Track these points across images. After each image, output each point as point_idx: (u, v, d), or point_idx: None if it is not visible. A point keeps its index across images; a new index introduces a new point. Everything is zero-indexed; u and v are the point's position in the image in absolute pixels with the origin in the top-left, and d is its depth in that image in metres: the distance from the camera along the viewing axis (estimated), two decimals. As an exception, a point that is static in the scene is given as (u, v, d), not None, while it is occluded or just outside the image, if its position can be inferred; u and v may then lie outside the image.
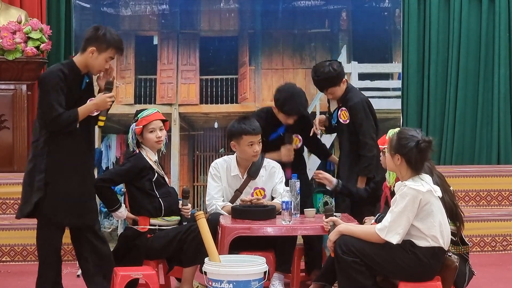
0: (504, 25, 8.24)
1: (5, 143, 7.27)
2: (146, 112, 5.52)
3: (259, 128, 5.76)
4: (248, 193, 5.80)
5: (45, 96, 4.85)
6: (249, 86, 7.15)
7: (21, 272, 6.53)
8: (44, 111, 4.86)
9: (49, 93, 4.83)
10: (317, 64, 6.32)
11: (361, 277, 4.58)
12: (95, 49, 4.94)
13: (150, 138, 5.46)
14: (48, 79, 4.87)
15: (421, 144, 4.55)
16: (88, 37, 4.99)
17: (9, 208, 7.03)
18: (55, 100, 4.82)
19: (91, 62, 4.98)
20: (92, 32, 4.99)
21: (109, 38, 4.96)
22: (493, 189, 7.53)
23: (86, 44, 4.98)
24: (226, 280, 4.67)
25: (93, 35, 4.96)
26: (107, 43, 4.96)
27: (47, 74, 4.93)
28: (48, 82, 4.85)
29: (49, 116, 4.83)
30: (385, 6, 7.20)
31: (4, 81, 7.30)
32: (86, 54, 4.97)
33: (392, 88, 7.23)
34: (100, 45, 4.95)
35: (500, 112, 8.24)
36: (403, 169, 4.61)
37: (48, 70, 4.99)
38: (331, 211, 4.97)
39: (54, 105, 4.81)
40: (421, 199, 4.51)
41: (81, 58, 4.99)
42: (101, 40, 4.95)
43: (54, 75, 4.87)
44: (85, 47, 4.98)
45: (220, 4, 7.13)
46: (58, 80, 4.85)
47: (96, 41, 4.95)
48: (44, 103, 4.85)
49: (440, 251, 4.57)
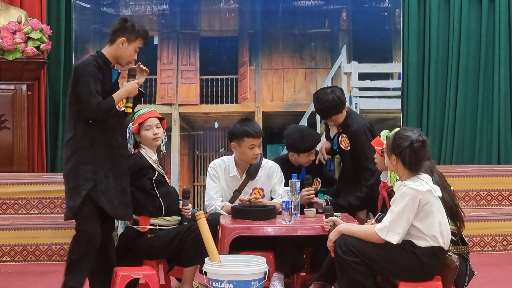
0: (504, 25, 8.24)
1: (5, 143, 7.27)
2: (142, 111, 5.52)
3: (261, 131, 5.78)
4: (247, 194, 5.80)
5: (84, 85, 4.84)
6: (249, 86, 7.16)
7: (21, 272, 6.53)
8: (84, 100, 4.84)
9: (88, 82, 4.85)
10: (319, 92, 6.22)
11: (361, 277, 4.58)
12: (125, 40, 4.99)
13: (147, 135, 5.45)
14: (85, 69, 4.88)
15: (415, 144, 4.54)
16: (117, 28, 5.03)
17: (9, 208, 7.04)
18: (94, 89, 4.85)
19: (121, 53, 5.02)
20: (120, 24, 5.03)
21: (137, 29, 5.02)
22: (493, 189, 7.52)
23: (115, 36, 5.01)
24: (226, 280, 4.67)
25: (122, 26, 5.01)
26: (136, 33, 5.02)
27: (83, 64, 4.93)
28: (86, 72, 4.87)
29: (91, 103, 4.83)
30: (385, 6, 7.21)
31: (4, 81, 7.30)
32: (115, 45, 5.01)
33: (392, 88, 7.24)
34: (130, 36, 5.00)
35: (500, 111, 8.23)
36: (400, 169, 4.62)
37: (83, 61, 5.00)
38: (331, 211, 4.96)
39: (94, 93, 4.84)
40: (420, 198, 4.51)
41: (111, 50, 5.02)
42: (130, 30, 5.00)
43: (91, 64, 4.90)
44: (114, 39, 5.01)
45: (220, 4, 7.14)
46: (95, 69, 4.90)
47: (126, 31, 5.00)
48: (84, 92, 4.84)
49: (440, 251, 4.57)
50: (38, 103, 7.74)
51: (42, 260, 6.87)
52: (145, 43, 5.12)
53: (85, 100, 4.84)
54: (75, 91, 4.90)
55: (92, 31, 7.09)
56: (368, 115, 7.20)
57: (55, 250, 6.88)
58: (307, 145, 6.01)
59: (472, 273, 4.92)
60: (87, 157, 4.88)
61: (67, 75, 7.74)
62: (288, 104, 7.21)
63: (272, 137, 7.15)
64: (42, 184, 7.07)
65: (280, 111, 7.21)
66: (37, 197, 7.03)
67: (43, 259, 6.87)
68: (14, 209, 7.04)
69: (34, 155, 7.61)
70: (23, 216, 7.01)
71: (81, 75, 4.88)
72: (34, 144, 7.63)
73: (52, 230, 6.88)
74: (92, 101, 4.83)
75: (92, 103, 4.83)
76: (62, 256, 6.85)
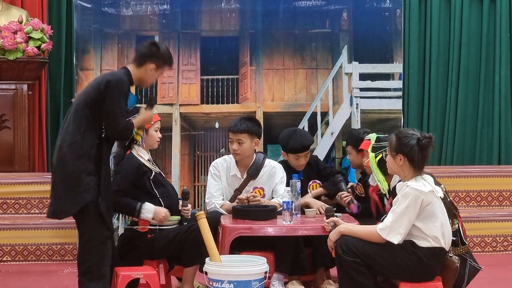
0: (505, 25, 8.24)
1: (6, 143, 7.27)
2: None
3: (241, 128, 5.75)
4: (248, 193, 5.80)
5: (117, 104, 4.84)
6: (250, 86, 7.16)
7: (21, 272, 6.53)
8: (113, 119, 4.84)
9: (121, 101, 4.87)
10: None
11: (361, 277, 4.58)
12: (155, 66, 5.04)
13: (154, 136, 5.45)
14: (121, 87, 4.88)
15: (423, 140, 4.55)
16: (147, 53, 5.04)
17: (10, 207, 7.04)
18: (124, 110, 4.91)
19: (148, 78, 5.07)
20: (151, 48, 5.05)
21: (166, 55, 5.09)
22: (494, 190, 7.52)
23: (144, 60, 5.03)
24: (226, 280, 4.67)
25: (153, 52, 5.04)
26: (164, 60, 5.08)
27: (119, 81, 4.89)
28: (121, 90, 4.88)
29: (119, 124, 4.85)
30: (386, 6, 7.21)
31: (5, 81, 7.30)
32: (143, 69, 5.03)
33: (393, 88, 7.24)
34: (159, 62, 5.05)
35: (501, 112, 8.24)
36: (406, 169, 4.61)
37: (118, 76, 4.93)
38: (331, 212, 4.97)
39: (124, 115, 4.90)
40: (423, 199, 4.51)
41: (137, 72, 5.03)
42: (160, 57, 5.05)
43: (125, 84, 4.92)
44: (143, 62, 5.03)
45: (221, 4, 7.14)
46: (127, 91, 4.94)
47: (155, 57, 5.03)
48: (116, 111, 4.84)
49: (441, 251, 4.57)
50: (39, 103, 7.74)
51: (43, 259, 6.87)
52: (170, 68, 5.25)
53: (113, 119, 4.85)
54: (98, 101, 4.84)
55: (93, 31, 7.09)
56: (369, 115, 7.21)
57: (56, 250, 6.88)
58: (292, 145, 5.97)
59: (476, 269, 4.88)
60: (91, 168, 4.83)
61: (68, 74, 7.75)
62: (289, 104, 7.21)
63: (273, 137, 7.14)
64: (43, 183, 7.06)
65: (281, 111, 7.21)
66: (38, 196, 7.03)
67: (44, 258, 6.88)
68: (14, 208, 7.04)
69: (34, 154, 7.61)
70: (24, 215, 7.01)
71: (116, 92, 4.85)
72: (34, 144, 7.63)
73: (52, 229, 6.88)
74: (121, 123, 4.86)
75: (119, 125, 4.86)
76: (62, 256, 6.86)
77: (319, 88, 7.19)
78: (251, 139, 5.78)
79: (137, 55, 5.10)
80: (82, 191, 4.80)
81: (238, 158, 5.82)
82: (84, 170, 4.81)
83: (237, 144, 5.75)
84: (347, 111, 7.20)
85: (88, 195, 4.80)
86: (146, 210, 5.24)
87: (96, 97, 4.85)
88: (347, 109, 7.20)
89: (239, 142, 5.75)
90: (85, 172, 4.81)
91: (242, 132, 5.75)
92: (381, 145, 5.18)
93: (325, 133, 7.16)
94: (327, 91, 7.20)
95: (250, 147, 5.79)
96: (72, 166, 4.82)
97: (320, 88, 7.19)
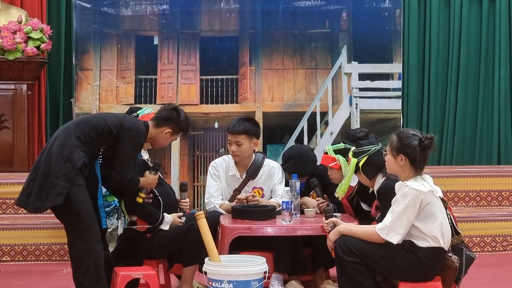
0: (505, 25, 8.24)
1: (5, 143, 7.27)
2: (148, 111, 5.51)
3: (240, 129, 5.73)
4: (247, 193, 5.80)
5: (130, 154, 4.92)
6: (250, 86, 7.16)
7: (21, 272, 6.53)
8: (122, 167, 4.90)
9: (135, 153, 4.96)
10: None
11: (361, 277, 4.58)
12: (171, 131, 5.11)
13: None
14: (138, 138, 4.94)
15: (424, 141, 4.56)
16: (168, 117, 5.10)
17: (9, 207, 7.04)
18: (135, 161, 4.99)
19: (161, 140, 5.15)
20: (171, 114, 5.11)
21: (184, 123, 5.17)
22: (493, 190, 7.52)
23: (163, 122, 5.10)
24: (226, 280, 4.67)
25: (173, 117, 5.11)
26: (181, 128, 5.17)
27: (139, 133, 4.95)
28: (137, 141, 4.94)
29: (126, 174, 4.91)
30: (386, 6, 7.21)
31: (4, 81, 7.30)
32: (159, 131, 5.10)
33: (392, 88, 7.24)
34: (176, 128, 5.13)
35: (500, 112, 8.23)
36: (406, 169, 4.61)
37: (139, 128, 4.96)
38: (331, 212, 4.96)
39: (133, 167, 4.95)
40: (422, 199, 4.51)
41: (153, 132, 5.10)
42: (178, 123, 5.13)
43: (143, 137, 4.98)
44: (161, 124, 5.10)
45: (221, 4, 7.14)
46: (142, 143, 5.01)
47: (174, 123, 5.11)
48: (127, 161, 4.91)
49: (440, 251, 4.57)
50: (38, 103, 7.74)
51: (42, 259, 6.87)
52: (184, 135, 5.34)
53: (124, 167, 4.91)
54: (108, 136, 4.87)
55: (92, 31, 7.10)
56: (368, 115, 7.22)
57: (55, 250, 6.88)
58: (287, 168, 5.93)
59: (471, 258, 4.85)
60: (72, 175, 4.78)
61: (67, 75, 7.75)
62: (288, 104, 7.21)
63: (272, 138, 7.15)
64: (42, 184, 7.06)
65: (280, 111, 7.22)
66: (37, 197, 7.02)
67: (43, 258, 6.87)
68: (14, 209, 7.03)
69: (34, 155, 7.59)
70: (23, 216, 7.00)
71: (133, 141, 4.91)
72: (34, 144, 7.62)
73: (52, 230, 6.87)
74: (129, 174, 4.92)
75: (127, 175, 4.92)
76: (62, 256, 6.85)
77: (318, 88, 7.19)
78: (250, 140, 5.77)
79: (158, 115, 5.15)
80: (55, 193, 4.76)
81: (237, 160, 5.82)
82: (65, 174, 4.78)
83: (236, 145, 5.75)
84: (347, 111, 7.21)
85: (59, 198, 4.77)
86: (166, 221, 5.30)
87: (106, 130, 4.88)
88: (347, 109, 7.21)
89: (237, 144, 5.75)
90: (64, 177, 4.77)
91: (241, 134, 5.74)
92: (362, 150, 5.21)
93: (325, 133, 7.16)
94: (326, 91, 7.20)
95: (249, 148, 5.78)
96: (55, 166, 4.81)
97: (319, 88, 7.19)
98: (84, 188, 4.85)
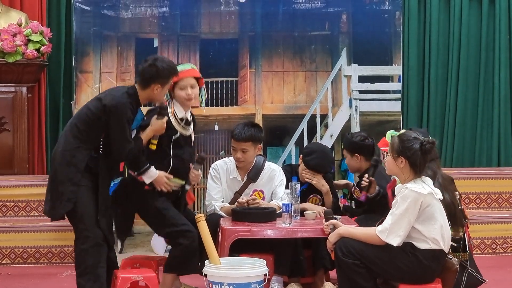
0: (504, 27, 8.24)
1: (5, 146, 7.27)
2: (180, 68, 5.39)
3: (245, 136, 5.71)
4: (247, 195, 5.80)
5: (120, 130, 4.91)
6: (250, 89, 7.16)
7: (21, 274, 6.53)
8: (117, 144, 4.92)
9: (124, 127, 4.92)
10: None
11: (361, 279, 4.58)
12: (160, 86, 5.06)
13: (180, 95, 5.37)
14: (122, 111, 4.91)
15: (426, 145, 4.55)
16: (149, 76, 5.04)
17: (9, 210, 7.04)
18: (129, 134, 4.96)
19: (156, 97, 5.13)
20: (151, 69, 5.04)
21: (167, 71, 5.07)
22: (494, 192, 7.52)
23: (148, 82, 5.05)
24: (226, 282, 4.67)
25: (154, 73, 5.03)
26: (167, 75, 5.08)
27: (120, 105, 4.91)
28: (123, 114, 4.91)
29: (124, 149, 4.93)
30: (385, 9, 7.21)
31: (4, 84, 7.30)
32: (149, 90, 5.06)
33: (392, 90, 7.25)
34: (163, 80, 5.06)
35: (500, 114, 8.23)
36: (406, 172, 4.61)
37: (119, 100, 4.94)
38: (330, 214, 4.97)
39: (128, 139, 4.95)
40: (422, 201, 4.51)
41: (144, 94, 5.07)
42: (163, 75, 5.06)
43: (127, 108, 4.93)
44: (148, 84, 5.05)
45: (220, 7, 7.14)
46: (130, 114, 4.97)
47: (159, 77, 5.04)
48: (119, 137, 4.91)
49: (440, 253, 4.57)
50: (38, 106, 7.73)
51: (42, 262, 6.87)
52: (175, 77, 5.21)
53: (119, 145, 4.93)
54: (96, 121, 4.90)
55: (92, 33, 7.10)
56: (368, 117, 7.21)
57: (55, 253, 6.88)
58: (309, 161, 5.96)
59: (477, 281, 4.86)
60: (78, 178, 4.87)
61: (68, 77, 7.74)
62: (288, 107, 7.22)
63: (272, 140, 7.14)
64: (42, 186, 7.03)
65: (280, 114, 7.21)
66: (37, 199, 7.02)
67: (43, 261, 6.87)
68: (14, 211, 7.04)
69: (34, 157, 7.60)
70: (23, 218, 7.01)
71: (118, 117, 4.90)
72: (34, 146, 7.62)
73: (52, 232, 6.88)
74: (126, 147, 4.93)
75: (125, 149, 4.93)
76: (62, 259, 6.86)
77: (318, 91, 7.19)
78: (255, 146, 5.78)
79: (141, 77, 5.08)
80: (66, 199, 4.86)
81: (242, 165, 5.81)
82: (70, 179, 4.86)
83: (241, 152, 5.74)
84: (347, 113, 7.21)
85: (70, 204, 4.86)
86: (150, 172, 5.17)
87: (93, 117, 4.92)
88: (347, 111, 7.21)
89: (243, 151, 5.74)
90: (70, 181, 4.87)
91: (247, 141, 5.73)
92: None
93: (325, 135, 7.16)
94: (326, 93, 7.20)
95: (253, 154, 5.80)
96: (60, 173, 4.87)
97: (319, 91, 7.19)
98: (88, 189, 4.93)
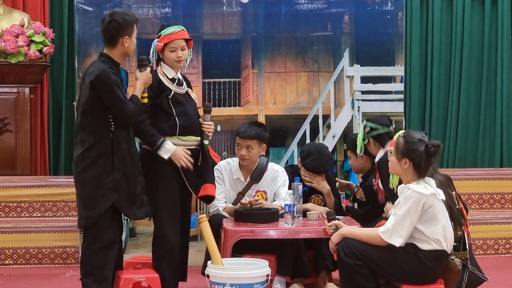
0: (507, 28, 8.23)
1: (8, 147, 7.28)
2: (170, 30, 5.41)
3: (252, 134, 5.74)
4: (250, 196, 5.81)
5: (112, 96, 4.86)
6: (252, 89, 7.16)
7: (23, 275, 6.53)
8: (118, 109, 4.88)
9: (115, 91, 4.87)
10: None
11: (363, 280, 4.58)
12: (128, 37, 5.00)
13: (170, 57, 5.37)
14: (106, 78, 4.86)
15: (431, 148, 4.56)
16: (113, 31, 4.97)
17: (11, 211, 7.04)
18: (122, 96, 4.90)
19: (127, 49, 5.04)
20: (112, 26, 4.97)
21: (128, 19, 5.00)
22: (496, 192, 7.52)
23: (115, 38, 4.98)
24: (228, 283, 4.67)
25: (117, 27, 4.96)
26: (130, 24, 5.01)
27: (102, 73, 4.87)
28: (109, 81, 4.86)
29: (126, 111, 4.89)
30: (388, 9, 7.20)
31: (7, 84, 7.31)
32: (119, 45, 5.00)
33: (394, 91, 7.23)
34: (128, 31, 4.99)
35: (503, 114, 8.23)
36: (409, 173, 4.61)
37: (99, 69, 4.90)
38: (333, 215, 4.97)
39: (124, 101, 4.90)
40: (424, 202, 4.51)
41: (116, 52, 5.01)
42: (126, 26, 4.98)
43: (109, 72, 4.88)
44: (115, 40, 4.98)
45: (223, 7, 7.14)
46: (115, 77, 4.91)
47: (123, 30, 4.98)
48: (116, 102, 4.87)
49: (443, 254, 4.57)
50: (41, 106, 7.74)
51: (45, 263, 6.87)
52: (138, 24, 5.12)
53: (119, 109, 4.88)
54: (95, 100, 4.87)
55: (94, 34, 7.08)
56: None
57: (58, 253, 6.88)
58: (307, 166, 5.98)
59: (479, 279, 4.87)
60: (109, 166, 4.87)
61: (70, 78, 7.75)
62: (291, 107, 7.21)
63: (275, 141, 7.14)
64: (45, 187, 7.07)
65: (283, 114, 7.20)
66: (40, 200, 7.04)
67: (46, 262, 6.88)
68: (16, 212, 7.04)
69: (36, 158, 7.61)
70: (26, 219, 7.01)
71: (104, 85, 4.86)
72: (36, 147, 7.63)
73: (54, 233, 6.88)
74: (127, 109, 4.89)
75: (127, 111, 4.89)
76: (64, 259, 6.86)
77: (320, 91, 7.18)
78: (260, 145, 5.80)
79: (107, 37, 5.02)
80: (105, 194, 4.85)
81: (246, 164, 5.82)
82: (103, 171, 4.85)
83: (246, 149, 5.76)
84: (349, 114, 7.20)
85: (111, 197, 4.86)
86: (165, 149, 5.18)
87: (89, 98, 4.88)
88: (349, 112, 7.20)
89: (248, 148, 5.76)
90: (104, 173, 4.86)
91: (252, 139, 5.75)
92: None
93: (327, 136, 7.16)
94: (328, 94, 7.19)
95: (258, 152, 5.82)
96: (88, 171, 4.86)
97: (321, 91, 7.19)
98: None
